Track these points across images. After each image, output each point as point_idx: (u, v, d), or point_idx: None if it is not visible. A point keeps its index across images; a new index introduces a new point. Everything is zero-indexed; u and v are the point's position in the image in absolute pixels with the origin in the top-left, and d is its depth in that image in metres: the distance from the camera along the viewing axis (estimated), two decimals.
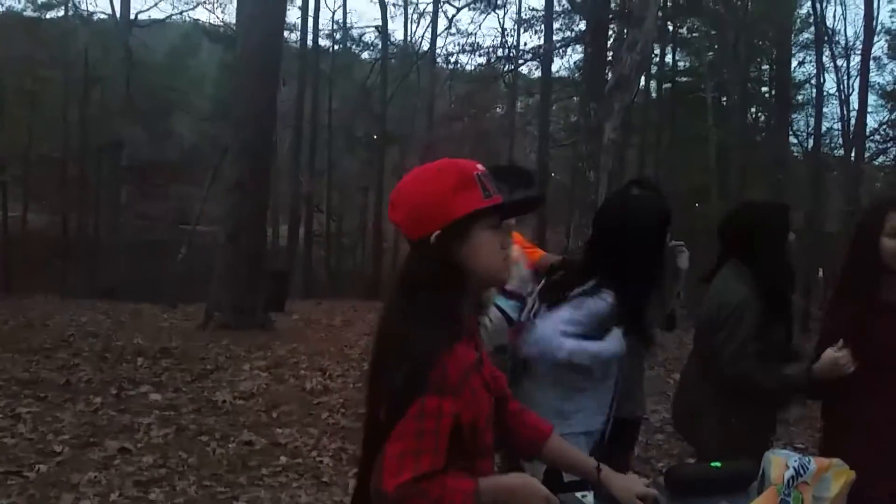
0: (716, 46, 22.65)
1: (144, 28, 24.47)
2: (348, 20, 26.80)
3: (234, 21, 16.66)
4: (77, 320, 9.86)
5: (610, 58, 12.33)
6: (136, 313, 11.29)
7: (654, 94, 25.05)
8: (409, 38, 26.52)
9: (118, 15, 23.13)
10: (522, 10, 23.73)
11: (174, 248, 17.62)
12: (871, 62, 23.05)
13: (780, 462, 1.71)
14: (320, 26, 24.94)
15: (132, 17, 23.54)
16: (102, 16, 24.85)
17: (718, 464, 1.93)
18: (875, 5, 20.75)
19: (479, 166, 1.43)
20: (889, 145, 26.51)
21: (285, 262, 20.40)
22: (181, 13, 25.78)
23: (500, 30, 23.92)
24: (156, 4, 25.15)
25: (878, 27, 23.27)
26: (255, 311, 9.47)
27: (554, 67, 22.52)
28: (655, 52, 22.46)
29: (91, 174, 24.06)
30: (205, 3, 25.48)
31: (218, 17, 25.65)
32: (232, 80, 12.44)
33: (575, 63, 22.51)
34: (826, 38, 22.74)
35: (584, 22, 16.19)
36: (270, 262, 15.28)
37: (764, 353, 2.49)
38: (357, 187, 26.66)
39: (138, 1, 25.72)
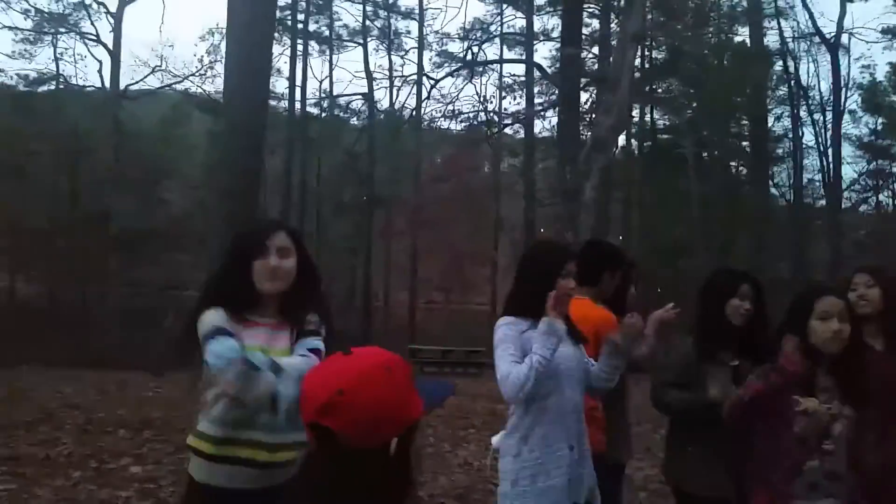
0: (694, 105, 23.27)
1: (134, 100, 24.92)
2: (335, 89, 27.39)
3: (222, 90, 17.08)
4: (62, 391, 9.78)
5: (588, 120, 12.73)
6: (122, 383, 11.21)
7: (635, 152, 25.58)
8: (394, 104, 27.14)
9: (108, 87, 23.62)
10: (504, 76, 24.41)
11: (164, 316, 17.53)
12: (847, 115, 23.80)
13: None
14: (308, 95, 25.53)
15: (122, 88, 24.01)
16: (92, 88, 25.36)
17: None
18: (846, 63, 21.52)
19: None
20: (868, 195, 27.09)
21: None
22: (170, 86, 26.26)
23: (480, 95, 24.54)
24: (144, 78, 25.42)
25: (850, 82, 24.07)
26: None
27: (537, 129, 23.10)
28: (635, 111, 23.10)
29: (80, 243, 24.14)
30: (193, 75, 25.87)
31: (206, 89, 26.01)
32: (217, 151, 12.64)
33: (555, 125, 23.08)
34: (801, 94, 23.47)
35: None
36: None
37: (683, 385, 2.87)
38: (346, 249, 26.87)
39: (128, 75, 26.27)
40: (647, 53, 22.18)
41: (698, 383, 2.82)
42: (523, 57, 23.50)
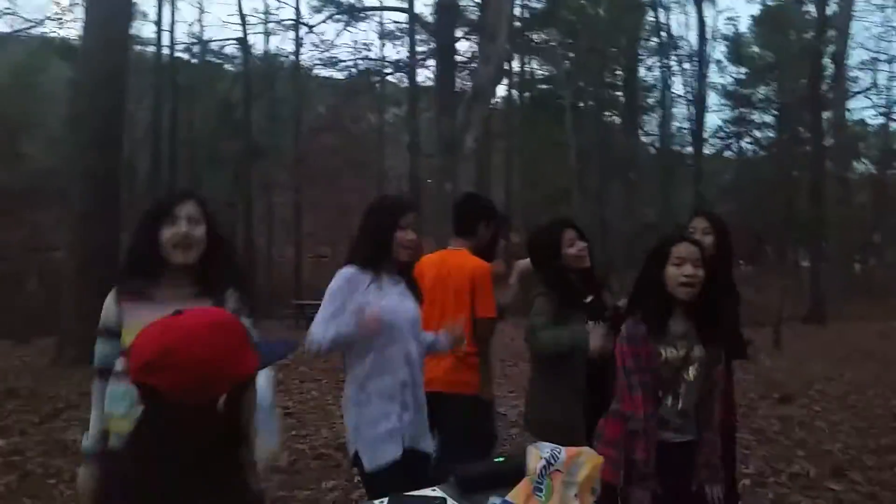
0: (570, 55, 23.77)
1: None
2: (207, 34, 26.02)
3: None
4: None
5: (468, 70, 12.77)
6: None
7: (516, 102, 25.95)
8: (270, 50, 26.14)
9: None
10: (384, 22, 23.95)
11: (28, 279, 16.54)
12: (715, 65, 25.07)
13: (535, 454, 1.93)
14: (177, 40, 24.12)
15: None
16: None
17: (502, 459, 2.13)
18: (713, 15, 22.59)
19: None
20: (732, 141, 28.82)
21: None
22: (23, 30, 24.07)
23: (362, 42, 24.00)
24: None
25: (716, 34, 25.32)
26: None
27: (420, 78, 22.86)
28: (515, 60, 23.36)
29: None
30: (48, 20, 23.72)
31: (64, 34, 23.99)
32: (75, 101, 11.76)
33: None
34: (671, 44, 24.46)
35: None
36: None
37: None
38: (224, 203, 25.95)
39: None
40: (525, 2, 22.32)
41: (566, 322, 3.02)
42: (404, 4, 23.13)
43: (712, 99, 27.58)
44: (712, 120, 33.80)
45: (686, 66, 25.11)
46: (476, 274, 3.31)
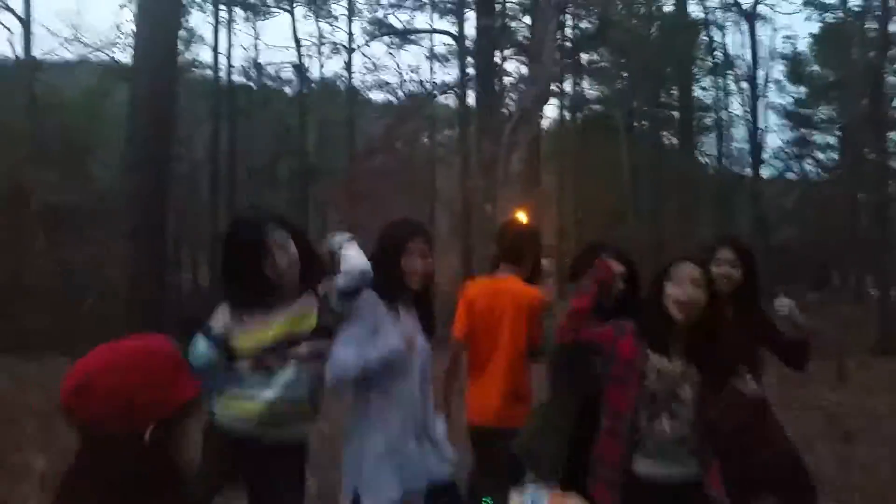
0: (623, 74, 23.49)
1: (47, 70, 23.71)
2: (263, 58, 26.47)
3: None
4: None
5: (512, 91, 12.71)
6: (41, 368, 10.87)
7: (569, 123, 25.72)
8: (324, 74, 26.54)
9: (21, 56, 22.42)
10: (434, 45, 24.07)
11: (89, 296, 16.98)
12: (773, 85, 24.52)
13: (517, 500, 1.86)
14: (234, 64, 24.69)
15: (35, 58, 22.76)
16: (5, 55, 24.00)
17: (489, 500, 2.06)
18: (770, 34, 22.11)
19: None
20: (793, 162, 27.97)
21: (207, 304, 19.98)
22: (87, 56, 25.00)
23: (410, 65, 24.05)
24: (55, 49, 23.99)
25: (774, 53, 24.81)
26: None
27: (471, 101, 22.84)
28: (567, 81, 23.20)
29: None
30: (110, 45, 24.53)
31: (126, 59, 24.77)
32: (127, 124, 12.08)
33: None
34: (727, 64, 24.02)
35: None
36: (189, 306, 14.96)
37: None
38: None
39: (39, 45, 24.75)
40: (575, 23, 22.16)
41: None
42: (455, 25, 23.20)
43: (772, 119, 26.87)
44: (773, 141, 32.98)
45: (743, 85, 24.61)
46: (534, 304, 3.30)
